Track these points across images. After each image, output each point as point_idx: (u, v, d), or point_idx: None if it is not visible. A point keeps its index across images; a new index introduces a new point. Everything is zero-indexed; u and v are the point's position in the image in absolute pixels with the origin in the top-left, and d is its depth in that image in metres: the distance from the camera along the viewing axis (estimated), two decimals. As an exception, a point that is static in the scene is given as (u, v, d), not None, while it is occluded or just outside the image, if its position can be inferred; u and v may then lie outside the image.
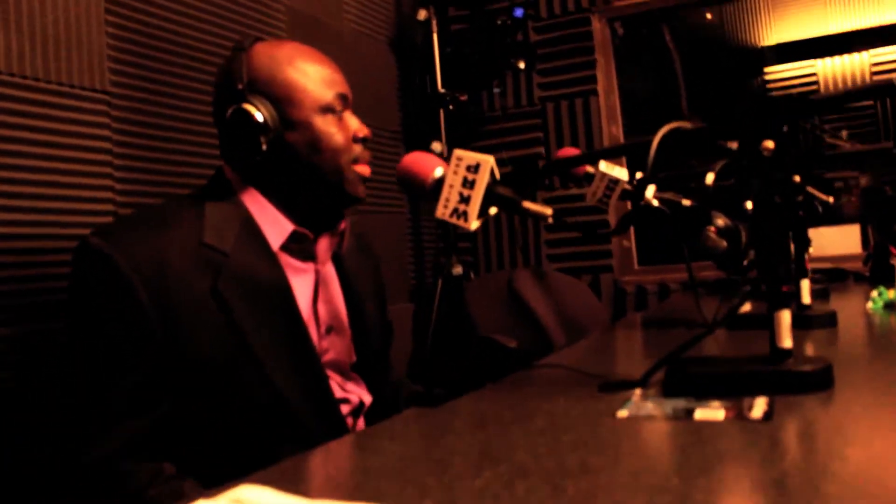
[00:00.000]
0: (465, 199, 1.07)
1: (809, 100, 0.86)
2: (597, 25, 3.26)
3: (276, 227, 1.25)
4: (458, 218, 1.07)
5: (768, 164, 0.94)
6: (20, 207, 1.63)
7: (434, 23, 3.12)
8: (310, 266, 1.31)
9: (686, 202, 1.76)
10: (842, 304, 1.76)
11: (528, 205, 1.08)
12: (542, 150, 3.32)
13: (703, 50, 5.22)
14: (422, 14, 3.11)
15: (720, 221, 1.67)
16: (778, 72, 5.32)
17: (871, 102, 4.84)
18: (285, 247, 1.26)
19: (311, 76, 1.26)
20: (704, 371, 0.94)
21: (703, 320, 1.62)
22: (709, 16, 4.47)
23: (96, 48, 1.85)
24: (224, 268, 1.16)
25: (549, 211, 1.07)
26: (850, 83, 5.16)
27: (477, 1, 3.26)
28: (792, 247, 1.56)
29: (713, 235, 1.64)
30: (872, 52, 4.93)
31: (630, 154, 0.99)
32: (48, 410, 1.50)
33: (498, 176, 1.08)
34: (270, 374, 1.16)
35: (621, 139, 3.34)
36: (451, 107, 3.04)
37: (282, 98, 1.23)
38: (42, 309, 1.63)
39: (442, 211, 1.08)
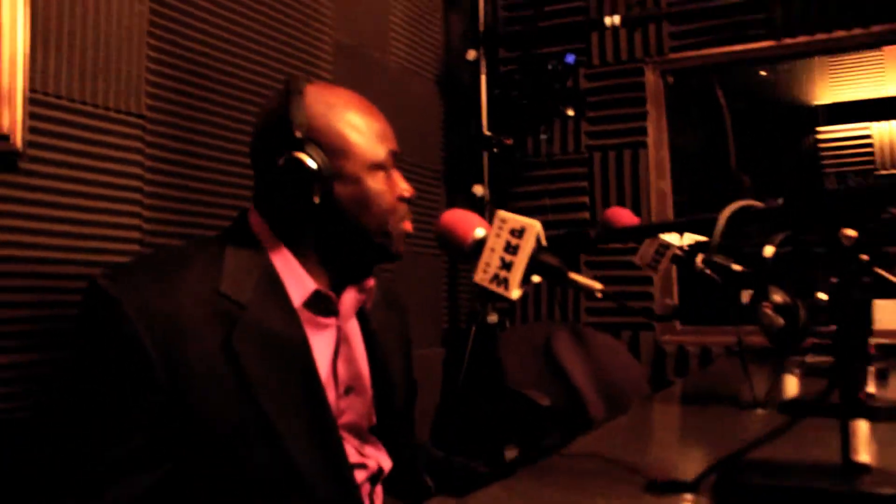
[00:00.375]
0: (506, 266, 0.99)
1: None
2: (650, 77, 3.17)
3: (298, 283, 1.17)
4: (499, 285, 1.00)
5: (848, 254, 0.84)
6: (44, 230, 1.57)
7: (483, 63, 3.06)
8: (332, 321, 1.22)
9: (737, 267, 1.65)
10: (905, 390, 1.63)
11: (575, 277, 0.99)
12: (586, 199, 3.22)
13: (754, 105, 5.10)
14: (471, 54, 3.05)
15: (777, 297, 1.55)
16: (831, 132, 5.18)
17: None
18: (307, 303, 1.18)
19: (367, 130, 1.19)
20: (766, 483, 0.83)
21: (753, 398, 1.50)
22: (763, 73, 4.36)
23: (135, 71, 1.80)
24: (240, 321, 1.08)
25: (598, 286, 0.98)
26: (907, 148, 5.01)
27: (528, 45, 3.18)
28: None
29: (770, 312, 1.53)
30: (931, 117, 4.80)
31: (692, 230, 0.89)
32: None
33: (544, 242, 1.00)
34: (282, 437, 1.07)
35: (669, 195, 3.23)
36: (495, 150, 2.96)
37: (335, 149, 1.16)
38: (60, 337, 1.56)
39: (481, 276, 1.00)
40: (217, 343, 1.05)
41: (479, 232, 1.03)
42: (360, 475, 1.21)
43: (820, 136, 5.22)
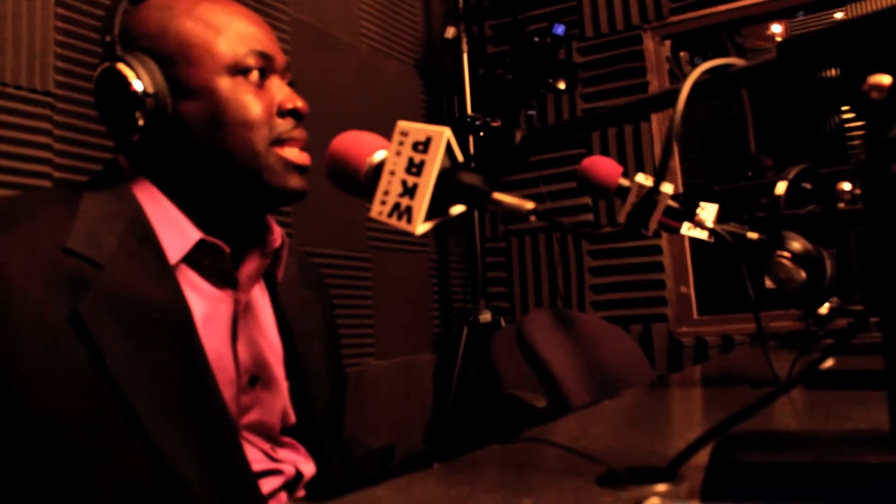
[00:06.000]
0: (409, 191, 0.72)
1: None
2: (649, 44, 2.90)
3: (176, 233, 0.91)
4: (400, 218, 0.72)
5: (882, 113, 0.57)
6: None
7: (464, 41, 2.81)
8: (227, 294, 0.95)
9: (752, 235, 1.38)
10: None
11: (500, 197, 0.72)
12: (587, 182, 2.95)
13: (775, 81, 4.80)
14: (450, 31, 2.80)
15: (797, 245, 1.27)
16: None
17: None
18: (191, 261, 0.92)
19: (219, 27, 0.93)
20: (773, 459, 0.55)
21: (773, 376, 1.21)
22: (778, 39, 4.06)
23: (39, 46, 1.58)
24: (93, 284, 0.82)
25: (529, 205, 0.71)
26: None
27: (513, 16, 2.92)
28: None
29: (787, 263, 1.24)
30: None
31: (652, 108, 0.63)
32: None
33: (460, 157, 0.74)
34: (155, 440, 0.81)
35: (678, 172, 2.95)
36: (481, 133, 2.69)
37: (174, 56, 0.90)
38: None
39: (378, 209, 0.73)
40: (62, 314, 0.80)
41: (379, 155, 0.76)
42: (272, 482, 0.95)
43: (846, 116, 4.89)
